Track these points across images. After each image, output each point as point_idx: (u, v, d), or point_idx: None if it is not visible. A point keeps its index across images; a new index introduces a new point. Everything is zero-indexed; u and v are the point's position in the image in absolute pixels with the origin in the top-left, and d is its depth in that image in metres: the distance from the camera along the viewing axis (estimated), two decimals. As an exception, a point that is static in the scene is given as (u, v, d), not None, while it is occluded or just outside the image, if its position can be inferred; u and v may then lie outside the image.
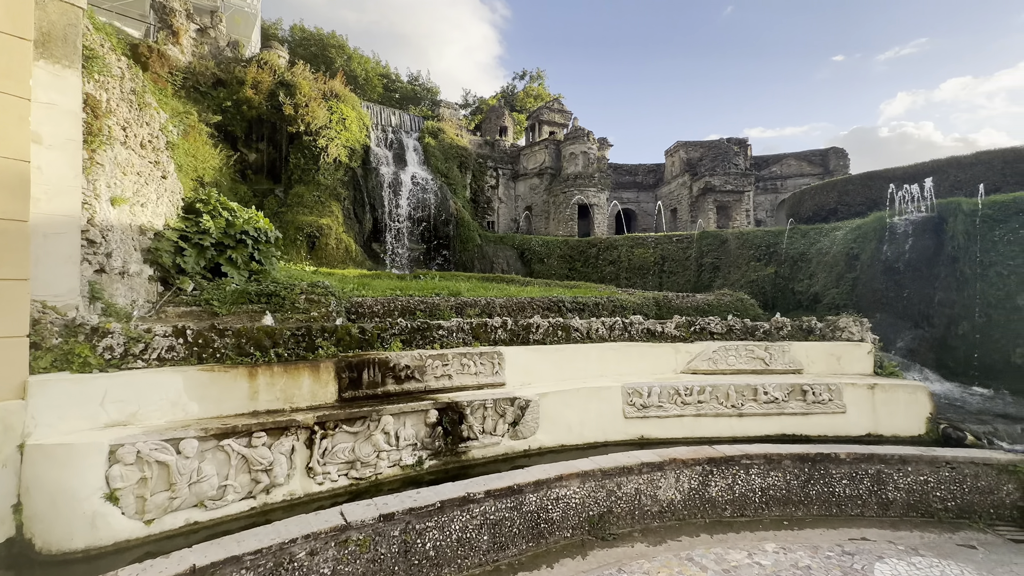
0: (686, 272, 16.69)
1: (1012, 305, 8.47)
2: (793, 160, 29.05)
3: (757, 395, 5.85)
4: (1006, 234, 8.81)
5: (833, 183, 16.38)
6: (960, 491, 4.70)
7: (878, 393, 5.87)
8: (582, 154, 25.77)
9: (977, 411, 6.65)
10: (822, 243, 12.62)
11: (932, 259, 9.62)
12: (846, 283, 11.21)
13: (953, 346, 8.96)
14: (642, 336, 6.61)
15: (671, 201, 29.34)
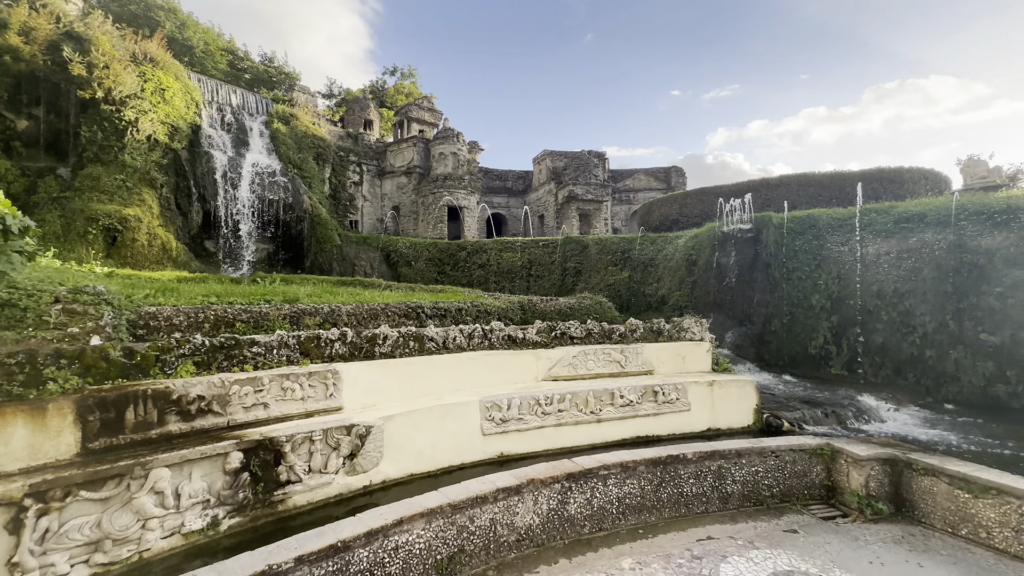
0: (552, 276, 17.22)
1: (808, 304, 10.09)
2: (643, 175, 32.45)
3: (614, 399, 5.84)
4: (803, 244, 10.52)
5: (675, 196, 18.47)
6: (783, 477, 5.12)
7: (716, 390, 6.30)
8: (452, 155, 25.31)
9: (788, 397, 7.62)
10: (667, 250, 13.93)
11: (752, 265, 11.12)
12: (687, 286, 12.47)
13: (768, 340, 10.39)
14: (503, 344, 6.22)
15: (539, 207, 30.51)
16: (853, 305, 9.47)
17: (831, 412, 6.85)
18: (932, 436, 6.43)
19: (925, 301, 8.69)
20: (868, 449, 5.00)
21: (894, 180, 14.00)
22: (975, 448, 5.95)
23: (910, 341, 8.85)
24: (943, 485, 4.51)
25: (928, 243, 8.88)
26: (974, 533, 4.26)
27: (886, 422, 7.09)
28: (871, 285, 9.31)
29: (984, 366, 8.02)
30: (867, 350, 9.27)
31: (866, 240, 9.67)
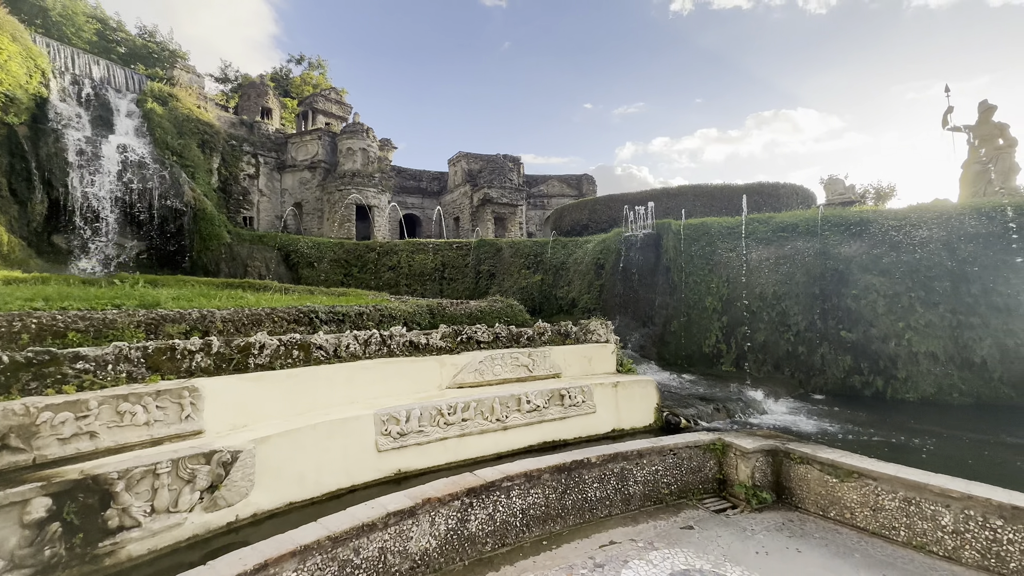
0: (465, 279, 16.92)
1: (703, 306, 10.82)
2: (556, 182, 33.45)
3: (521, 405, 5.67)
4: (698, 250, 11.30)
5: (586, 202, 19.16)
6: (680, 474, 5.27)
7: (620, 391, 6.39)
8: (361, 151, 24.04)
9: (686, 395, 8.01)
10: (577, 254, 14.29)
11: (654, 269, 11.73)
12: (595, 289, 12.85)
13: (668, 341, 10.99)
14: (404, 350, 5.78)
15: (454, 209, 30.11)
16: (740, 306, 10.31)
17: (722, 407, 7.29)
18: (805, 425, 7.08)
19: (798, 303, 9.69)
20: (753, 442, 5.31)
21: (772, 194, 15.73)
22: (839, 434, 6.63)
23: (786, 339, 9.81)
24: (815, 472, 4.89)
25: (800, 250, 9.95)
26: (841, 515, 4.66)
27: (767, 413, 7.72)
28: (754, 288, 10.21)
29: (844, 360, 9.10)
30: (752, 348, 10.13)
31: (750, 247, 10.61)
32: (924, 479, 4.21)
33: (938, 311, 8.51)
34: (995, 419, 7.49)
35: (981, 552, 3.84)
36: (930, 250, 8.81)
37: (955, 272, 8.57)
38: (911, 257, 8.87)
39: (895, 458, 5.57)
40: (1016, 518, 3.72)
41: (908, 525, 4.22)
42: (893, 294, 8.81)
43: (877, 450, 5.89)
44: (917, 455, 5.88)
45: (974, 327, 8.29)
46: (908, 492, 4.24)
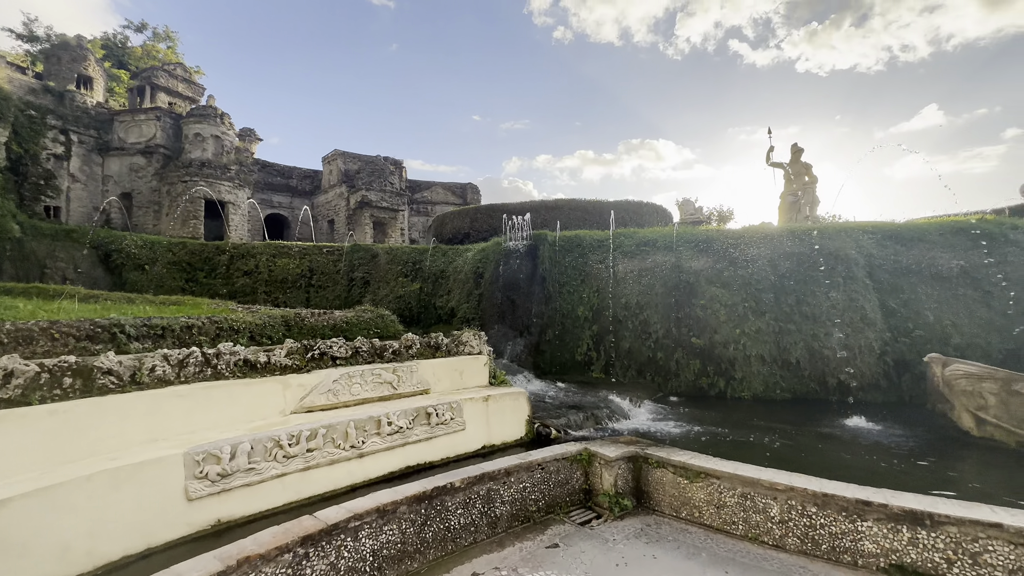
0: (336, 286, 15.58)
1: (575, 316, 11.22)
2: (441, 189, 33.02)
3: (381, 427, 5.10)
4: (571, 261, 11.74)
5: (467, 210, 19.04)
6: (548, 488, 5.16)
7: (491, 404, 6.16)
8: (214, 138, 21.06)
9: (558, 404, 8.10)
10: (457, 262, 14.00)
11: (531, 279, 11.91)
12: (474, 298, 12.66)
13: (543, 350, 11.18)
14: (236, 371, 4.85)
15: (328, 211, 27.93)
16: (608, 316, 10.89)
17: (591, 415, 7.48)
18: (664, 427, 7.56)
19: (657, 312, 10.52)
20: (616, 449, 5.42)
21: (636, 211, 17.23)
22: (691, 433, 7.17)
23: (647, 345, 10.57)
24: (670, 475, 5.13)
25: (659, 264, 10.85)
26: (691, 514, 4.92)
27: (631, 418, 8.13)
28: (621, 298, 10.86)
29: (694, 363, 10.05)
30: (618, 355, 10.73)
31: (617, 259, 11.31)
32: (757, 474, 4.60)
33: (765, 319, 9.84)
34: (807, 411, 8.81)
35: (800, 538, 4.27)
36: (758, 266, 10.20)
37: (777, 285, 10.02)
38: (745, 272, 10.18)
39: (738, 454, 6.16)
40: (827, 504, 4.20)
41: (745, 519, 4.57)
42: (732, 304, 10.00)
43: (724, 447, 6.46)
44: (755, 450, 6.54)
45: (791, 332, 9.74)
46: (745, 488, 4.60)
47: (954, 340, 9.24)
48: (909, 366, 9.26)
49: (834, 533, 4.14)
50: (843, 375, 9.40)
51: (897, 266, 10.10)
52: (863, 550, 4.02)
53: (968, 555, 3.70)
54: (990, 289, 9.60)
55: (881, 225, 11.30)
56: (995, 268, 9.71)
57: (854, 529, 4.07)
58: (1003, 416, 6.23)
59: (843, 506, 4.13)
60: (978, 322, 9.44)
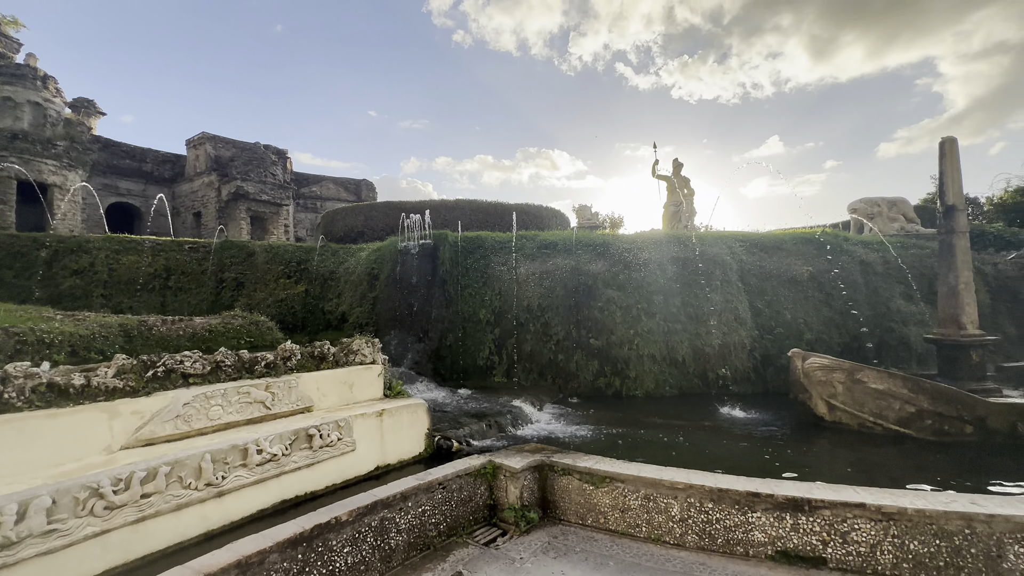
0: (203, 289, 13.48)
1: (477, 319, 10.91)
2: (332, 184, 30.72)
3: (249, 457, 4.27)
4: (473, 263, 11.42)
5: (361, 207, 17.79)
6: (450, 508, 4.74)
7: (386, 419, 5.57)
8: (32, 105, 17.15)
9: (460, 412, 7.71)
10: (350, 263, 12.92)
11: (430, 281, 11.36)
12: (368, 302, 11.75)
13: (444, 356, 10.69)
14: (37, 399, 3.70)
15: (194, 202, 24.42)
16: (511, 318, 10.76)
17: (494, 422, 7.19)
18: (567, 430, 7.54)
19: (558, 314, 10.63)
20: (522, 459, 5.18)
21: (537, 215, 17.52)
22: (590, 434, 7.21)
23: (549, 347, 10.62)
24: (575, 482, 5.01)
25: (559, 266, 10.99)
26: (596, 520, 4.83)
27: (534, 422, 8.01)
28: (523, 300, 10.81)
29: (592, 364, 10.31)
30: (520, 358, 10.64)
31: (519, 262, 11.25)
32: (659, 475, 4.65)
33: (655, 319, 10.44)
34: (692, 405, 9.46)
35: (699, 534, 4.38)
36: (649, 269, 10.81)
37: (665, 287, 10.69)
38: (638, 275, 10.72)
39: (638, 453, 6.29)
40: (722, 499, 4.35)
41: (648, 520, 4.58)
42: (626, 306, 10.45)
43: (624, 447, 6.57)
44: (653, 447, 6.74)
45: (677, 332, 10.43)
46: (648, 489, 4.63)
47: (806, 336, 10.63)
48: (772, 360, 10.43)
49: (728, 526, 4.30)
50: (721, 370, 10.30)
51: (762, 271, 11.39)
52: (753, 540, 4.22)
53: (839, 535, 4.04)
54: (831, 292, 11.25)
55: (749, 235, 12.71)
56: (835, 274, 11.40)
57: (745, 521, 4.25)
58: (848, 402, 7.18)
59: (736, 499, 4.30)
60: (823, 320, 10.98)
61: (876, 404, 7.04)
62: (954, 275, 7.91)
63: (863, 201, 16.76)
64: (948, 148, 8.04)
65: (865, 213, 16.09)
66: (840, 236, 12.84)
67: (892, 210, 16.35)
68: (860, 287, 11.48)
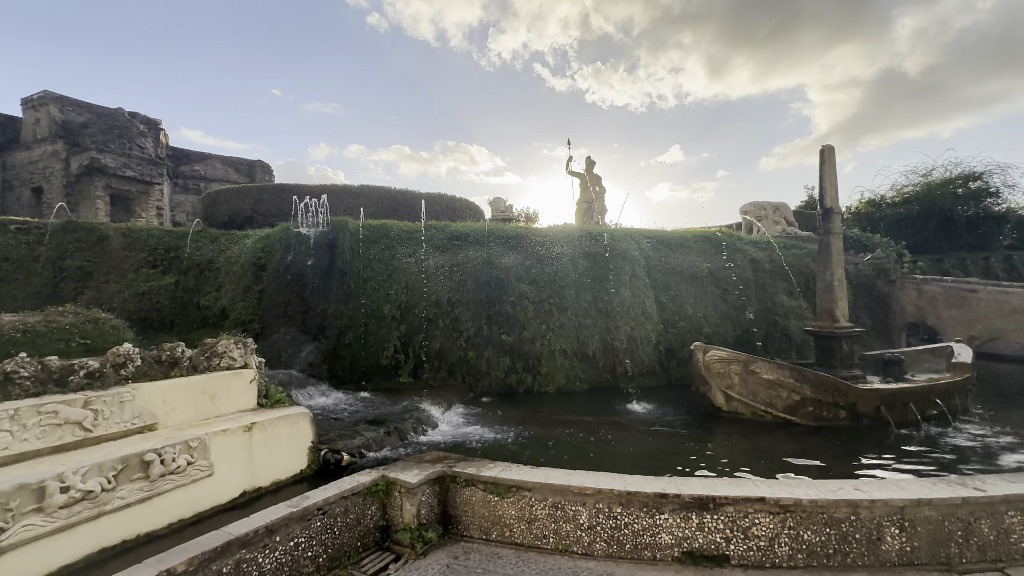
0: (34, 280, 11.07)
1: (381, 315, 10.09)
2: (220, 163, 27.38)
3: (47, 499, 3.26)
4: (377, 254, 10.56)
5: (249, 188, 15.85)
6: (332, 536, 4.07)
7: (256, 434, 4.71)
8: None
9: (357, 420, 6.96)
10: (232, 251, 11.36)
11: (328, 272, 10.30)
12: (253, 296, 10.38)
13: (343, 355, 9.74)
14: None
15: (33, 175, 20.35)
16: (418, 314, 10.09)
17: (394, 429, 6.55)
18: (475, 433, 7.10)
19: (468, 309, 10.16)
20: (420, 472, 4.64)
21: (450, 206, 16.87)
22: (499, 435, 6.86)
23: (459, 344, 10.12)
24: (480, 493, 4.57)
25: (471, 259, 10.52)
26: (502, 534, 4.44)
27: (440, 425, 7.48)
28: (432, 295, 10.18)
29: (504, 361, 9.99)
30: (429, 356, 10.02)
31: (429, 253, 10.59)
32: (567, 481, 4.36)
33: (567, 314, 10.37)
34: (602, 400, 9.51)
35: (607, 541, 4.15)
36: (562, 264, 10.72)
37: (577, 282, 10.68)
38: (550, 269, 10.58)
39: (548, 455, 6.03)
40: (630, 502, 4.16)
41: (556, 530, 4.28)
42: (539, 300, 10.26)
43: (534, 449, 6.27)
44: (562, 448, 6.51)
45: (588, 327, 10.46)
46: (555, 497, 4.32)
47: (705, 330, 11.22)
48: (675, 353, 10.87)
49: (636, 531, 4.12)
50: (628, 364, 10.51)
51: (667, 267, 11.84)
52: (660, 543, 4.08)
53: (741, 531, 4.02)
54: (727, 287, 12.00)
55: (655, 232, 13.20)
56: (730, 271, 12.18)
57: (653, 524, 4.10)
58: (744, 392, 7.54)
59: (644, 502, 4.13)
60: (720, 314, 11.68)
61: (767, 394, 7.47)
62: (830, 272, 8.68)
63: (752, 204, 18.33)
64: (827, 155, 8.80)
65: (755, 215, 17.59)
66: (735, 236, 13.81)
67: (776, 214, 18.06)
68: (751, 283, 12.39)
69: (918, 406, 7.23)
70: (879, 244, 17.53)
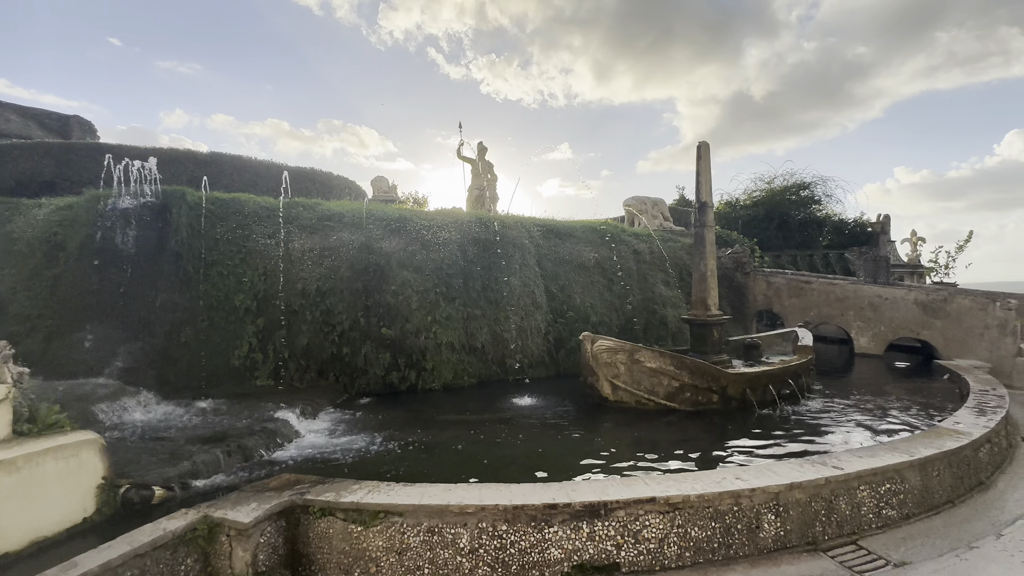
0: None
1: (231, 306, 8.52)
2: (15, 115, 21.55)
3: None
4: (226, 233, 8.87)
5: (50, 145, 12.44)
6: (118, 613, 2.97)
7: (4, 477, 3.34)
8: None
9: (186, 439, 5.59)
10: (16, 224, 8.72)
11: (156, 254, 8.37)
12: (45, 283, 8.04)
13: (176, 357, 8.01)
14: None
15: None
16: (279, 305, 8.70)
17: (236, 447, 5.37)
18: (344, 444, 6.17)
19: (342, 299, 9.02)
20: (259, 505, 3.69)
21: (326, 183, 15.12)
22: (377, 447, 6.02)
23: (331, 340, 8.96)
24: (339, 523, 3.77)
25: (345, 243, 9.34)
26: (366, 570, 3.69)
27: (303, 435, 6.41)
28: (296, 283, 8.85)
29: (384, 357, 9.06)
30: (293, 354, 8.72)
31: (292, 235, 9.18)
32: (446, 499, 3.75)
33: (455, 305, 9.74)
34: (490, 395, 9.09)
35: (491, 565, 3.63)
36: (450, 250, 10.04)
37: (466, 270, 10.09)
38: (437, 256, 9.84)
39: (429, 463, 5.32)
40: (517, 517, 3.68)
41: (432, 559, 3.65)
42: (424, 290, 9.48)
43: (413, 459, 5.54)
44: (446, 454, 5.90)
45: (477, 318, 9.95)
46: (431, 520, 3.69)
47: (592, 319, 11.39)
48: (564, 343, 10.85)
49: (523, 549, 3.66)
50: (518, 355, 10.23)
51: (557, 256, 11.79)
52: (550, 559, 3.67)
53: (632, 535, 3.77)
54: (612, 278, 12.34)
55: (546, 221, 13.11)
56: (615, 262, 12.54)
57: (542, 539, 3.68)
58: (629, 381, 7.61)
59: (532, 515, 3.69)
60: (606, 304, 11.96)
61: (650, 382, 7.62)
62: (704, 263, 9.20)
63: (634, 199, 19.36)
64: (703, 151, 9.28)
65: (637, 209, 18.57)
66: (619, 228, 14.32)
67: (655, 208, 19.30)
68: (634, 274, 12.91)
69: (775, 387, 7.91)
70: (736, 240, 19.65)
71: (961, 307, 11.80)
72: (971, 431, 5.55)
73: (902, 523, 4.50)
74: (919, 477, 4.72)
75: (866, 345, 13.32)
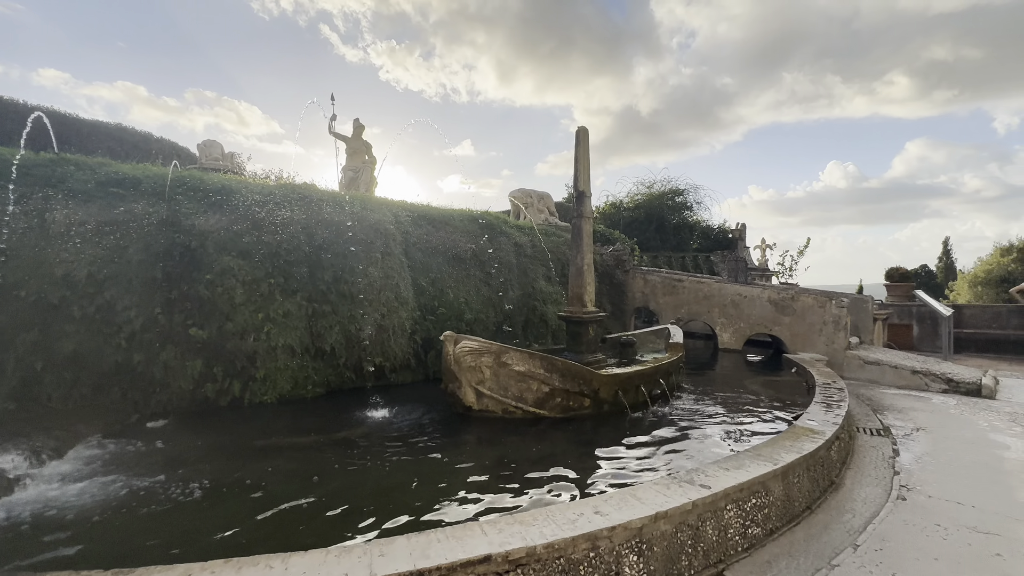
0: None
1: (-58, 298, 6.01)
2: None
3: None
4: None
5: None
6: None
7: None
8: None
9: None
10: None
11: None
12: None
13: None
14: None
15: None
16: (27, 298, 6.38)
17: None
18: (93, 493, 4.40)
19: (132, 291, 6.95)
20: None
21: (143, 147, 12.20)
22: (144, 493, 4.38)
23: (115, 344, 6.86)
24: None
25: (138, 216, 7.22)
26: None
27: (24, 488, 4.49)
28: (56, 267, 6.58)
29: (193, 365, 7.18)
30: (51, 364, 6.46)
31: (53, 202, 6.83)
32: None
33: (296, 299, 8.14)
34: (339, 407, 7.70)
35: None
36: (291, 232, 8.37)
37: (312, 258, 8.50)
38: (272, 239, 8.11)
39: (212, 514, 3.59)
40: (283, 615, 2.52)
41: None
42: (253, 280, 7.73)
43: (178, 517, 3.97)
44: (248, 503, 4.46)
45: (326, 315, 8.44)
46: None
47: (467, 316, 10.44)
48: (433, 343, 9.76)
49: (297, 657, 2.50)
50: (378, 359, 8.92)
51: (429, 246, 10.64)
52: (337, 666, 2.56)
53: (458, 613, 2.80)
54: (490, 271, 11.51)
55: (418, 206, 11.88)
56: (493, 254, 11.74)
57: (325, 639, 2.55)
58: (495, 388, 6.75)
59: (311, 606, 2.54)
60: (482, 299, 11.09)
61: (518, 387, 6.85)
62: (581, 256, 8.72)
63: (520, 191, 18.91)
64: (582, 137, 8.78)
65: (522, 201, 18.11)
66: (500, 219, 13.59)
67: (540, 202, 19.03)
68: (514, 268, 12.24)
69: (647, 387, 7.64)
70: (618, 239, 20.21)
71: (805, 305, 12.99)
72: (824, 429, 5.55)
73: (767, 540, 4.16)
74: (782, 487, 4.45)
75: (728, 340, 14.19)
